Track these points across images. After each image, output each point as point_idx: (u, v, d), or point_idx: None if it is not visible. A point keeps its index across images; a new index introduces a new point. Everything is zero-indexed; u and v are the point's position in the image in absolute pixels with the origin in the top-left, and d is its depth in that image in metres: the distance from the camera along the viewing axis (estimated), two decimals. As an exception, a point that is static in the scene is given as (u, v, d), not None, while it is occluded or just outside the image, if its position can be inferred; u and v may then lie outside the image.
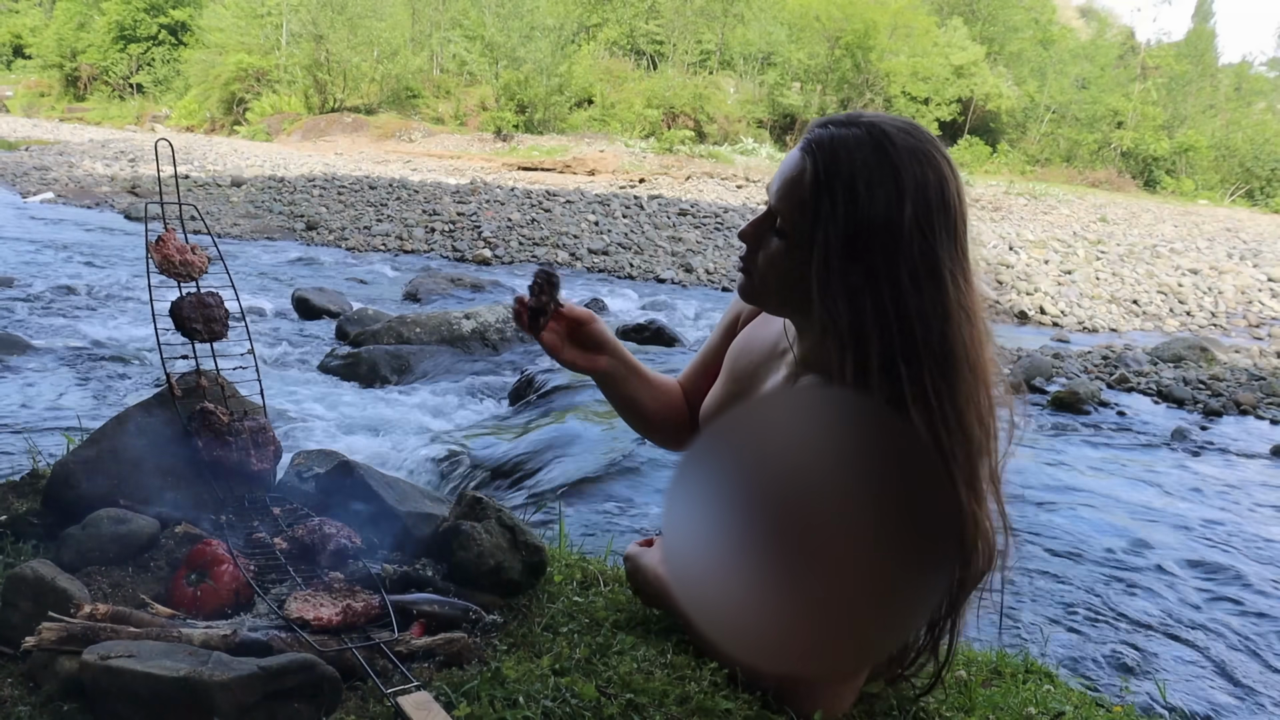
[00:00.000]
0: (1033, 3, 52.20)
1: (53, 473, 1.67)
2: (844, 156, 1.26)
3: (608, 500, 4.73)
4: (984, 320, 1.31)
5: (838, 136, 1.28)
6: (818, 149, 1.29)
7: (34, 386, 5.89)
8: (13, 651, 1.25)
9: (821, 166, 1.27)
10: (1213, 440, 6.87)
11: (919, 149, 1.27)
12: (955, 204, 1.27)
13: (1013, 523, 1.35)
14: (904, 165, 1.25)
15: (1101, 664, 3.43)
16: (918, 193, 1.24)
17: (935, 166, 1.27)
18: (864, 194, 1.24)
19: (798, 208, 1.30)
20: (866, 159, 1.25)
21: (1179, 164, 46.94)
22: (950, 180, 1.28)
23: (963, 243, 1.29)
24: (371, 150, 32.61)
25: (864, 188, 1.24)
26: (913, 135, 1.28)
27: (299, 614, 1.37)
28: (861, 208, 1.24)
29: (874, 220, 1.24)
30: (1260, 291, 15.71)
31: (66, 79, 51.07)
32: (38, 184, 17.87)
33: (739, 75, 46.05)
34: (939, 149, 1.30)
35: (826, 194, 1.26)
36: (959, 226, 1.28)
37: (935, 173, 1.26)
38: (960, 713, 1.56)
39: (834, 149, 1.27)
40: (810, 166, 1.29)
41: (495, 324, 7.84)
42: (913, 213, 1.23)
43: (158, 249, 1.77)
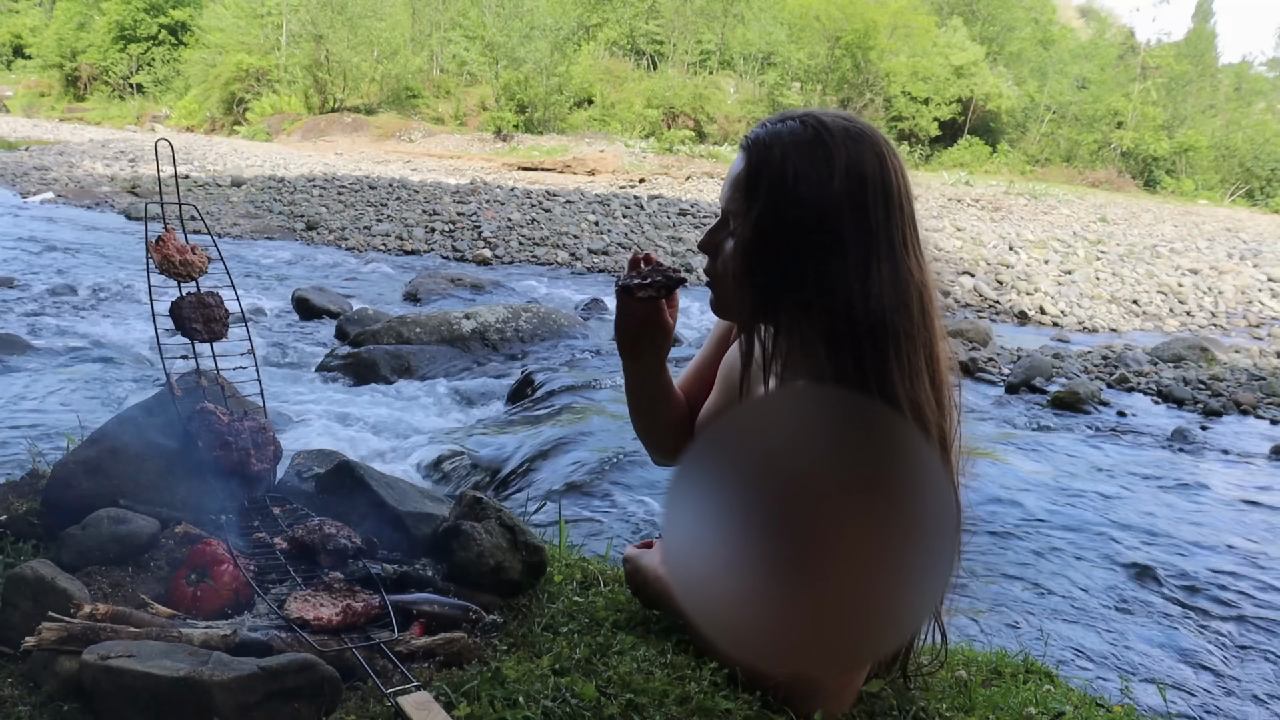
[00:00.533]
0: (1033, 3, 52.21)
1: (53, 473, 1.67)
2: (778, 145, 1.31)
3: (608, 500, 4.72)
4: (930, 297, 1.32)
5: (773, 131, 1.33)
6: (754, 145, 1.34)
7: (34, 386, 5.89)
8: (13, 651, 1.25)
9: (757, 158, 1.32)
10: (1213, 440, 6.87)
11: (853, 130, 1.30)
12: (894, 182, 1.30)
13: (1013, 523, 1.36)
14: (837, 146, 1.28)
15: (1101, 664, 3.43)
16: (850, 170, 1.27)
17: (871, 147, 1.30)
18: (794, 175, 1.28)
19: (737, 198, 1.35)
20: (800, 144, 1.29)
21: (1179, 164, 46.93)
22: (887, 159, 1.30)
23: (903, 220, 1.30)
24: (371, 150, 32.61)
25: (795, 170, 1.28)
26: (847, 121, 1.32)
27: (299, 614, 1.37)
28: (794, 187, 1.28)
29: (806, 198, 1.27)
30: (1260, 291, 15.70)
31: (66, 79, 51.08)
32: (38, 184, 17.86)
33: (739, 75, 46.05)
34: (876, 134, 1.32)
35: (761, 180, 1.31)
36: (900, 204, 1.30)
37: (871, 152, 1.29)
38: (960, 713, 1.56)
39: (768, 141, 1.32)
40: (747, 160, 1.34)
41: (495, 324, 7.84)
42: (845, 189, 1.26)
43: (158, 249, 1.77)
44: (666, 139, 35.10)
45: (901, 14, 42.75)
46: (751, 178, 1.33)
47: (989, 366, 8.61)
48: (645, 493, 4.79)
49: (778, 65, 44.30)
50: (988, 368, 8.58)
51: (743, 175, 1.35)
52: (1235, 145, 47.25)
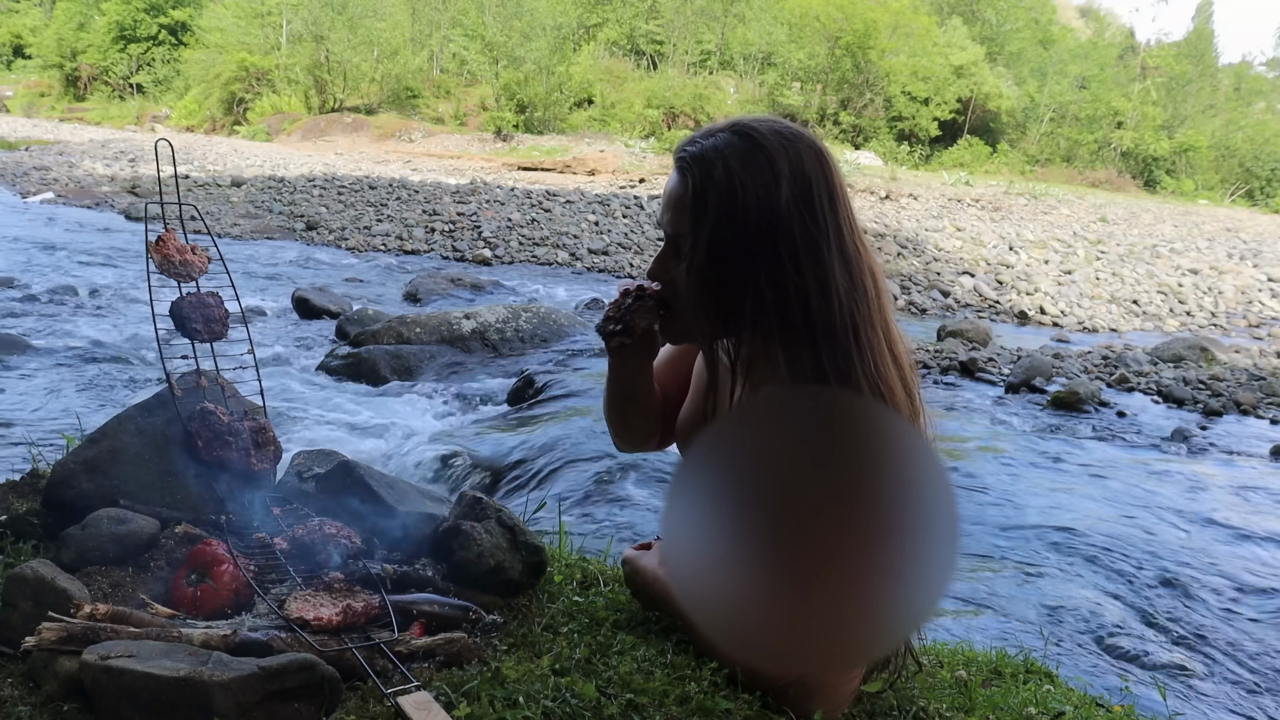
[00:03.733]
0: (1033, 3, 52.19)
1: (53, 473, 1.67)
2: (716, 159, 1.29)
3: (608, 500, 4.72)
4: (879, 277, 1.33)
5: (706, 146, 1.31)
6: (692, 163, 1.32)
7: (34, 386, 5.89)
8: (13, 651, 1.25)
9: (698, 175, 1.30)
10: (1213, 440, 6.87)
11: (787, 133, 1.30)
12: (834, 179, 1.30)
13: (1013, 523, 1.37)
14: (776, 151, 1.27)
15: (1101, 664, 3.43)
16: (793, 173, 1.27)
17: (808, 148, 1.30)
18: (740, 186, 1.27)
19: (684, 220, 1.32)
20: (739, 155, 1.28)
21: (1179, 164, 46.92)
22: (824, 154, 1.31)
23: (845, 216, 1.31)
24: (371, 150, 32.61)
25: (739, 181, 1.27)
26: (778, 125, 1.31)
27: (299, 614, 1.37)
28: (740, 198, 1.27)
29: (752, 207, 1.27)
30: (1260, 291, 15.70)
31: (66, 79, 51.08)
32: (38, 184, 17.86)
33: (739, 75, 46.05)
34: (807, 134, 1.32)
35: (707, 196, 1.29)
36: (839, 201, 1.30)
37: (809, 153, 1.29)
38: (960, 713, 1.56)
39: (705, 157, 1.30)
40: (688, 179, 1.31)
41: (495, 324, 7.85)
42: (790, 192, 1.26)
43: (158, 249, 1.77)
44: (666, 139, 35.09)
45: (901, 14, 42.74)
46: (697, 197, 1.31)
47: (989, 366, 8.61)
48: (645, 493, 4.79)
49: (778, 65, 44.28)
50: (988, 368, 8.58)
51: (686, 196, 1.32)
52: (1235, 145, 47.25)
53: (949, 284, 14.06)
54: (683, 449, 1.66)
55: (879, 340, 1.30)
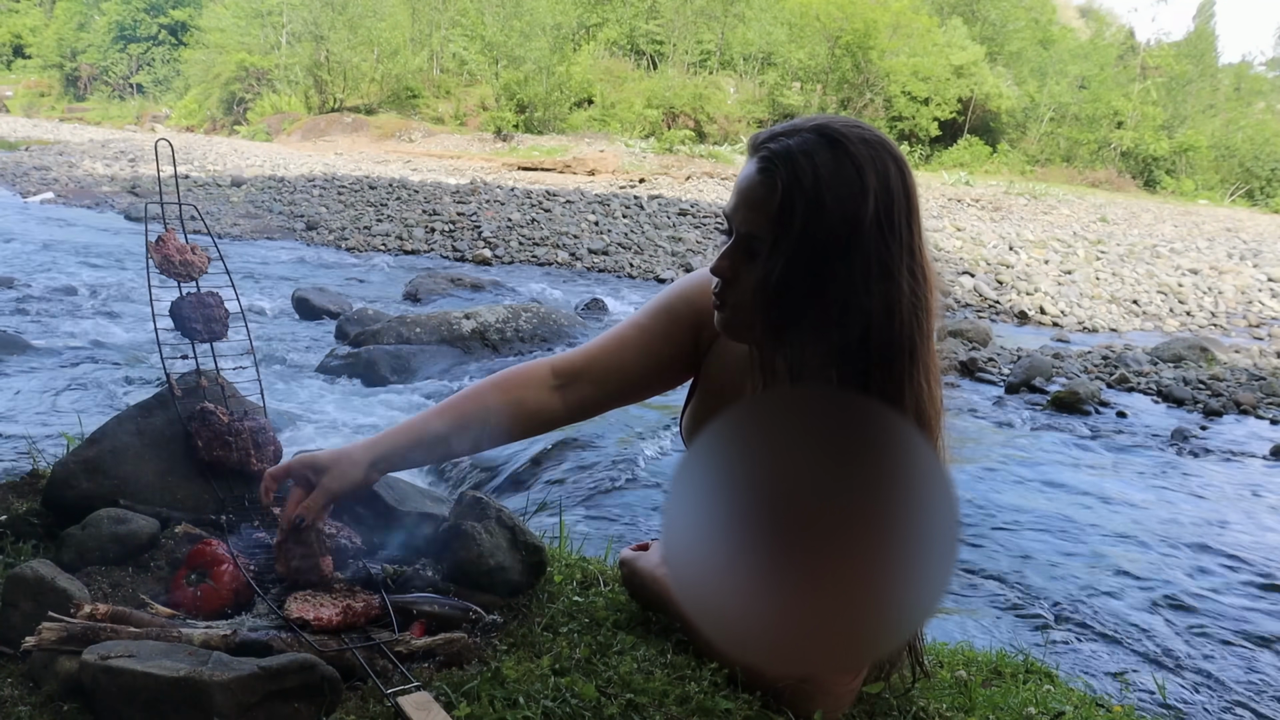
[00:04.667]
0: (1033, 3, 52.20)
1: (53, 473, 1.67)
2: (804, 164, 1.25)
3: (608, 500, 4.73)
4: (934, 308, 1.33)
5: (793, 146, 1.27)
6: (778, 163, 1.27)
7: (34, 386, 5.89)
8: (13, 651, 1.25)
9: (785, 179, 1.26)
10: (1213, 440, 6.87)
11: (874, 141, 1.27)
12: (913, 195, 1.29)
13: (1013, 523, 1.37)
14: (864, 162, 1.25)
15: (1101, 664, 3.43)
16: (880, 187, 1.25)
17: (893, 160, 1.27)
18: (830, 197, 1.24)
19: (766, 224, 1.29)
20: (826, 162, 1.25)
21: (1179, 164, 46.92)
22: (906, 171, 1.29)
23: (918, 230, 1.30)
24: (371, 150, 32.61)
25: (829, 190, 1.24)
26: (863, 130, 1.29)
27: (299, 614, 1.37)
28: (826, 210, 1.24)
29: (836, 221, 1.24)
30: (1260, 291, 15.70)
31: (66, 79, 51.11)
32: (38, 184, 17.87)
33: (739, 75, 46.05)
34: (890, 144, 1.30)
35: (795, 203, 1.25)
36: (915, 218, 1.29)
37: (893, 166, 1.27)
38: (960, 713, 1.56)
39: (793, 159, 1.26)
40: (774, 181, 1.27)
41: (495, 324, 7.85)
42: (874, 209, 1.24)
43: (158, 249, 1.77)
44: (666, 139, 35.08)
45: (902, 14, 42.74)
46: (785, 203, 1.26)
47: (989, 366, 8.61)
48: (645, 492, 4.79)
49: (778, 65, 44.28)
50: (988, 368, 8.58)
51: (772, 199, 1.27)
52: (1235, 145, 47.25)
53: (949, 284, 14.06)
54: (688, 439, 1.66)
55: (932, 361, 1.30)
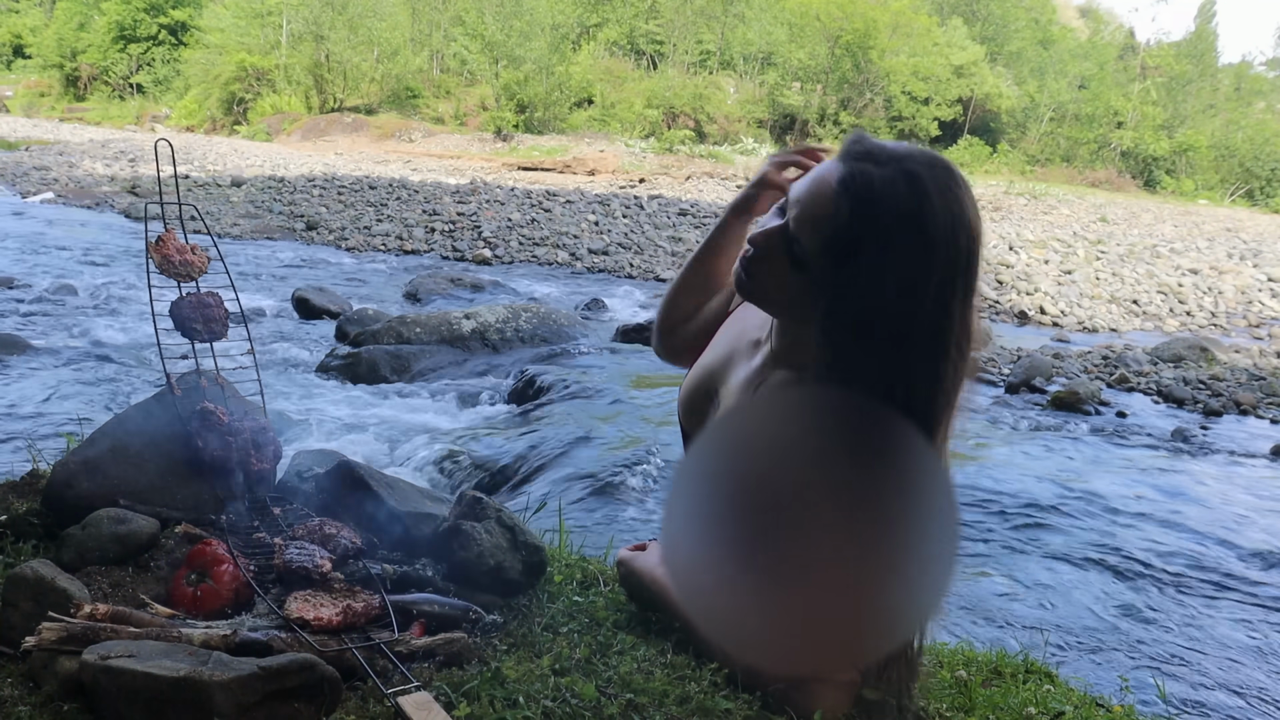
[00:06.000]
0: (1033, 3, 52.19)
1: (53, 473, 1.67)
2: (882, 208, 1.22)
3: (608, 500, 4.73)
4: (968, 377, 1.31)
5: (879, 180, 1.23)
6: (857, 191, 1.24)
7: (34, 386, 5.89)
8: (13, 651, 1.25)
9: (857, 215, 1.23)
10: (1213, 440, 6.87)
11: (956, 208, 1.23)
12: (976, 252, 1.25)
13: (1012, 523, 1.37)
14: (938, 226, 1.21)
15: (1101, 664, 3.43)
16: (945, 256, 1.22)
17: (969, 227, 1.24)
18: (894, 256, 1.21)
19: (825, 248, 1.27)
20: (902, 213, 1.21)
21: (1179, 164, 46.91)
22: (977, 242, 1.25)
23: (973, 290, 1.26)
24: (371, 150, 32.61)
25: (895, 250, 1.21)
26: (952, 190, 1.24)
27: (299, 614, 1.37)
28: (889, 269, 1.22)
29: (898, 282, 1.22)
30: (1260, 291, 15.69)
31: (66, 79, 51.07)
32: (38, 184, 17.86)
33: (739, 75, 46.05)
34: (973, 204, 1.26)
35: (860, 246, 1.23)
36: (973, 275, 1.26)
37: (968, 236, 1.23)
38: (960, 713, 1.56)
39: (872, 198, 1.22)
40: (846, 209, 1.24)
41: (495, 324, 7.84)
42: (937, 280, 1.22)
43: (158, 249, 1.77)
44: (666, 139, 35.09)
45: (902, 13, 42.74)
46: (848, 235, 1.23)
47: (989, 366, 8.61)
48: (645, 492, 4.79)
49: (778, 65, 44.27)
50: (988, 368, 8.58)
51: (831, 224, 1.25)
52: (1235, 145, 47.24)
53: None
54: (682, 417, 1.69)
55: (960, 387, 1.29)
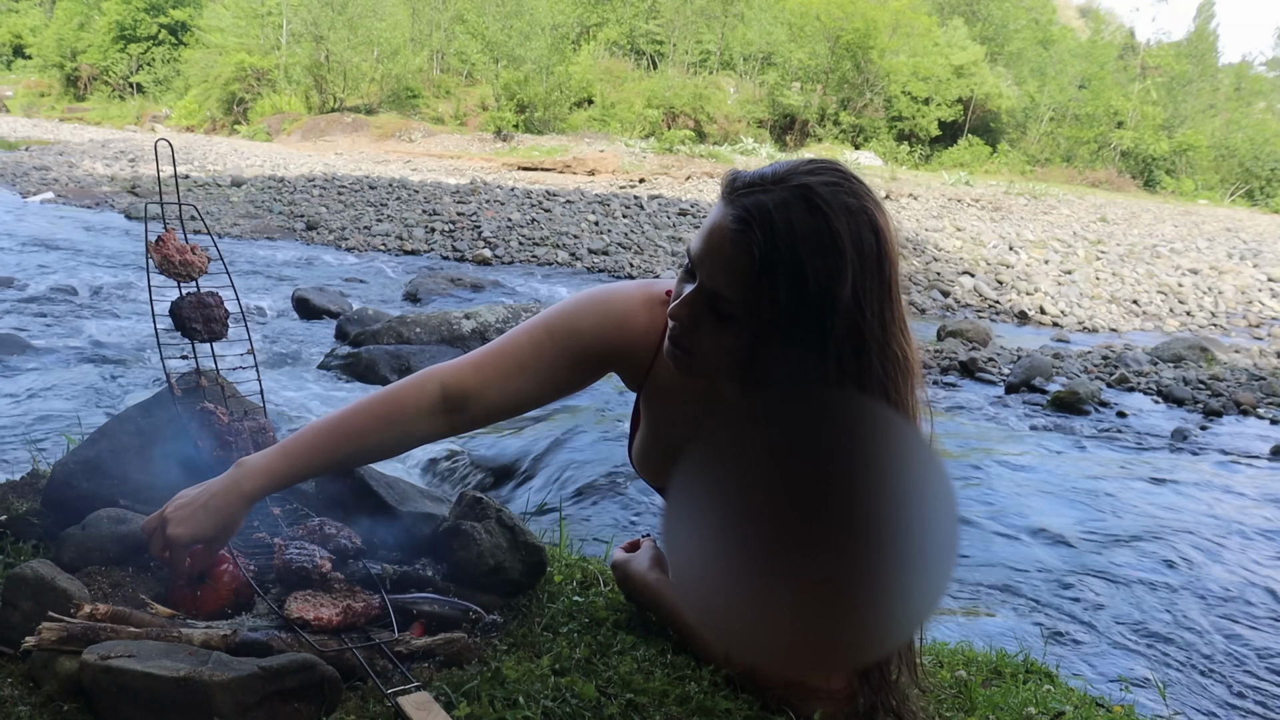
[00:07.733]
0: (1033, 3, 52.20)
1: (53, 473, 1.67)
2: (783, 233, 1.20)
3: (608, 500, 4.73)
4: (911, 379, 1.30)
5: (770, 206, 1.22)
6: (755, 226, 1.22)
7: (34, 386, 5.89)
8: (13, 651, 1.25)
9: (761, 247, 1.21)
10: (1213, 440, 6.87)
11: (855, 209, 1.23)
12: (891, 265, 1.25)
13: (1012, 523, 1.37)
14: (843, 233, 1.21)
15: (1101, 664, 3.43)
16: (858, 261, 1.21)
17: (871, 221, 1.24)
18: (808, 272, 1.20)
19: (738, 289, 1.25)
20: (806, 232, 1.20)
21: (1179, 164, 46.91)
22: (885, 231, 1.25)
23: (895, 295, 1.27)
24: (371, 150, 32.61)
25: (809, 266, 1.20)
26: (844, 192, 1.24)
27: (299, 614, 1.37)
28: (806, 286, 1.21)
29: (813, 299, 1.21)
30: (1260, 291, 15.70)
31: (66, 79, 51.09)
32: (38, 184, 17.86)
33: (739, 75, 46.05)
34: (870, 196, 1.26)
35: (772, 275, 1.21)
36: (892, 282, 1.26)
37: (871, 230, 1.23)
38: (960, 713, 1.56)
39: (771, 225, 1.21)
40: (749, 246, 1.22)
41: (495, 324, 7.84)
42: (851, 284, 1.21)
43: (158, 249, 1.77)
44: (666, 139, 35.08)
45: (902, 14, 42.74)
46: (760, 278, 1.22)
47: (989, 366, 8.61)
48: (645, 492, 4.79)
49: (778, 65, 44.27)
50: (988, 368, 8.58)
51: (743, 265, 1.23)
52: (1235, 145, 47.25)
53: (949, 284, 14.06)
54: (648, 477, 1.66)
55: None
